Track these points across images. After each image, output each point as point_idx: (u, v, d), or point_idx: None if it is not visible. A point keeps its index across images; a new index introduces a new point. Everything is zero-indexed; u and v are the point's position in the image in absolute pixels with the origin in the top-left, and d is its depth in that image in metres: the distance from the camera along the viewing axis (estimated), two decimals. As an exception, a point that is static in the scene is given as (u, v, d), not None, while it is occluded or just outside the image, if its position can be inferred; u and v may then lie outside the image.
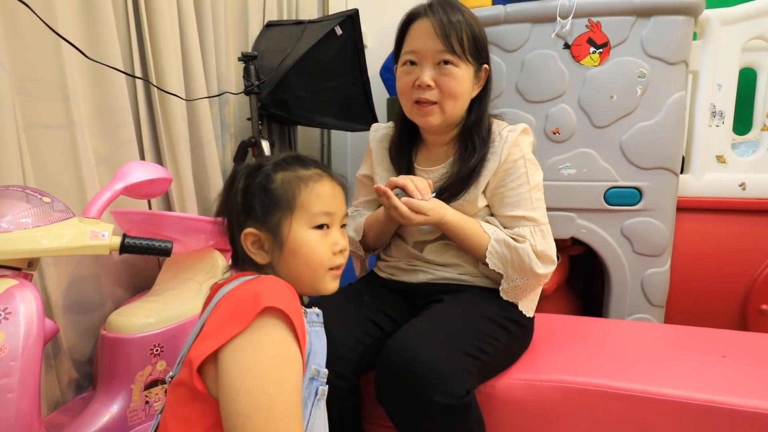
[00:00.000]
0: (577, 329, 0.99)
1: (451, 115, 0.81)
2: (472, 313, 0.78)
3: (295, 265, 0.56)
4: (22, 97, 0.90)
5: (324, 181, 0.57)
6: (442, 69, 0.78)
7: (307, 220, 0.56)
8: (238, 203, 0.56)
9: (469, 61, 0.79)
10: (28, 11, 0.84)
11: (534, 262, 0.79)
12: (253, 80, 1.39)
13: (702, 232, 1.26)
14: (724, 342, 0.92)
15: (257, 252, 0.56)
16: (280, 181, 0.55)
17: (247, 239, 0.55)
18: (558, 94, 1.22)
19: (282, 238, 0.55)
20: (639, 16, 1.14)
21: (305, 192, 0.55)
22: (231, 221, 0.57)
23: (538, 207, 0.83)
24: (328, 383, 0.73)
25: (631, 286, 1.24)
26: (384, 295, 0.88)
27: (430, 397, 0.65)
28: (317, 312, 0.58)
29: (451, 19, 0.77)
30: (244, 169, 0.58)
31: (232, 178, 0.58)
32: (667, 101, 1.16)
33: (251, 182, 0.56)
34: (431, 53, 0.78)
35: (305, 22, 1.61)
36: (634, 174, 1.20)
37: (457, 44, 0.77)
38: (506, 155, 0.82)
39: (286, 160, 0.58)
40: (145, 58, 1.17)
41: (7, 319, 0.63)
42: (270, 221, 0.54)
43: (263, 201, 0.54)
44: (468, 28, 0.78)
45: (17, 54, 0.88)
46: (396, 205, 0.75)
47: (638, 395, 0.74)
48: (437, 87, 0.79)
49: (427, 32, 0.78)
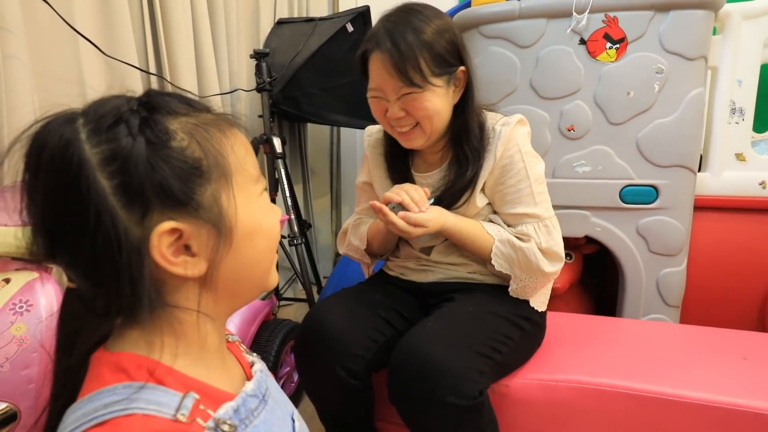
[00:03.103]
0: (591, 328, 0.98)
1: (433, 132, 0.77)
2: (484, 311, 0.77)
3: (252, 255, 0.37)
4: (40, 92, 0.91)
5: (234, 128, 0.38)
6: (407, 98, 0.74)
7: (251, 185, 0.38)
8: (101, 194, 0.30)
9: (434, 83, 0.73)
10: (48, 9, 0.85)
11: (541, 260, 0.77)
12: (265, 77, 1.40)
13: (720, 232, 1.24)
14: (744, 343, 0.90)
15: (182, 262, 0.33)
16: (186, 134, 0.33)
17: (161, 244, 0.32)
18: (573, 91, 1.20)
19: (228, 221, 0.35)
20: (657, 11, 1.12)
21: (231, 144, 0.36)
22: (83, 236, 0.30)
23: (540, 201, 0.80)
24: (341, 382, 0.73)
25: (647, 285, 1.22)
26: (396, 293, 0.88)
27: (443, 398, 0.64)
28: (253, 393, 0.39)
29: (401, 49, 0.70)
30: (66, 127, 0.31)
31: (59, 151, 0.30)
32: (686, 98, 1.14)
33: (121, 145, 0.31)
34: (392, 91, 0.74)
35: (316, 20, 1.61)
36: (651, 172, 1.18)
37: (416, 74, 0.71)
38: (501, 152, 0.78)
39: (162, 100, 0.34)
40: (159, 55, 1.18)
41: (29, 311, 0.64)
42: (198, 200, 0.33)
43: (176, 169, 0.32)
44: (424, 48, 0.71)
45: (36, 51, 0.90)
46: (393, 221, 0.73)
47: (656, 397, 0.72)
48: (408, 114, 0.75)
49: (382, 69, 0.72)
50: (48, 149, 0.30)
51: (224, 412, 0.35)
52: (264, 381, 0.42)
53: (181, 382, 0.34)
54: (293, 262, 1.61)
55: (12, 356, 0.63)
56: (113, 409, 0.30)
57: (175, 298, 0.35)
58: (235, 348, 0.44)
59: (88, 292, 0.33)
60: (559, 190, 1.24)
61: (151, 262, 0.32)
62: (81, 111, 0.33)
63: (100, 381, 0.32)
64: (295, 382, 1.17)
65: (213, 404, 0.34)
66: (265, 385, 0.42)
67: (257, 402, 0.39)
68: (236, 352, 0.44)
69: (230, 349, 0.44)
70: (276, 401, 0.42)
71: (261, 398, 0.39)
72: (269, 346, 1.07)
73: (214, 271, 0.35)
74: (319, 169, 2.09)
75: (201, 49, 1.28)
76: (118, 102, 0.33)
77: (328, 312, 0.78)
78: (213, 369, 0.38)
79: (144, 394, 0.31)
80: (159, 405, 0.31)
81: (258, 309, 1.09)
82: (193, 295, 0.35)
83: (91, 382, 0.33)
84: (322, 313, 0.78)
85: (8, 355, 0.63)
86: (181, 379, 0.34)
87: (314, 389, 0.81)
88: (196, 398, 0.33)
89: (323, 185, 2.10)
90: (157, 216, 0.32)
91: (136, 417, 0.30)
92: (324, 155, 2.10)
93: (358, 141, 2.19)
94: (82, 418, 0.30)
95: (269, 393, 0.41)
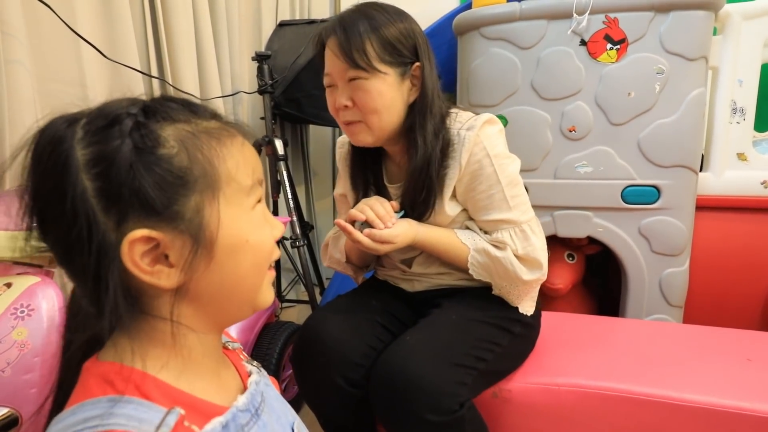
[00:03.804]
0: (594, 329, 0.98)
1: (380, 129, 0.74)
2: (467, 319, 0.75)
3: (235, 272, 0.36)
4: (42, 96, 0.91)
5: (237, 137, 0.37)
6: (353, 85, 0.72)
7: (241, 199, 0.36)
8: (83, 194, 0.30)
9: (381, 70, 0.71)
10: (50, 13, 0.85)
11: (518, 268, 0.73)
12: (267, 79, 1.40)
13: (722, 231, 1.23)
14: (748, 344, 0.89)
15: (155, 271, 0.32)
16: (177, 142, 0.33)
17: (134, 251, 0.31)
18: (574, 92, 1.20)
19: (207, 235, 0.33)
20: (657, 12, 1.12)
21: (227, 156, 0.35)
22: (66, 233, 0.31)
23: (516, 205, 0.75)
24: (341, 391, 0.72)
25: (649, 285, 1.21)
26: (389, 297, 0.87)
27: (421, 415, 0.63)
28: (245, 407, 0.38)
29: (349, 35, 0.70)
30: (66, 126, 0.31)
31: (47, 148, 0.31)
32: (687, 98, 1.14)
33: (108, 147, 0.31)
34: (339, 74, 0.72)
35: (318, 22, 1.62)
36: (652, 172, 1.17)
37: (360, 57, 0.70)
38: (467, 158, 0.73)
39: (164, 105, 0.34)
40: (161, 58, 1.18)
41: (30, 316, 0.64)
42: (177, 210, 0.32)
43: (158, 178, 0.31)
44: (374, 35, 0.70)
45: (39, 54, 0.90)
46: (359, 240, 0.71)
47: (660, 401, 0.72)
48: (355, 106, 0.73)
49: (331, 55, 0.72)
50: (40, 146, 0.31)
51: (211, 428, 0.33)
52: (258, 394, 0.40)
53: (168, 395, 0.33)
54: (295, 264, 1.61)
55: (13, 361, 0.63)
56: (92, 425, 0.30)
57: (153, 308, 0.34)
58: (234, 356, 0.43)
59: (79, 293, 0.33)
60: (561, 190, 1.24)
61: (123, 269, 0.31)
62: (87, 112, 0.33)
63: (86, 392, 0.32)
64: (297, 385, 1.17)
65: (201, 419, 0.33)
66: (260, 397, 0.40)
67: (249, 417, 0.37)
68: (236, 360, 0.43)
69: (230, 357, 0.43)
70: (273, 413, 0.41)
71: (254, 412, 0.38)
72: (271, 349, 1.07)
73: (191, 284, 0.34)
74: (321, 171, 2.09)
75: (203, 52, 1.28)
76: (120, 104, 0.33)
77: (326, 321, 0.77)
78: (205, 380, 0.37)
79: (126, 408, 0.30)
80: (140, 422, 0.30)
81: (260, 312, 1.09)
82: (183, 309, 0.35)
83: (78, 392, 0.33)
84: (320, 322, 0.77)
85: (9, 360, 0.63)
86: (168, 392, 0.33)
87: (314, 399, 0.80)
88: (181, 413, 0.32)
89: (325, 186, 2.10)
90: (132, 222, 0.31)
91: None
92: (326, 156, 2.10)
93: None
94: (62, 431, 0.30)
95: (265, 406, 0.40)
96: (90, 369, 0.33)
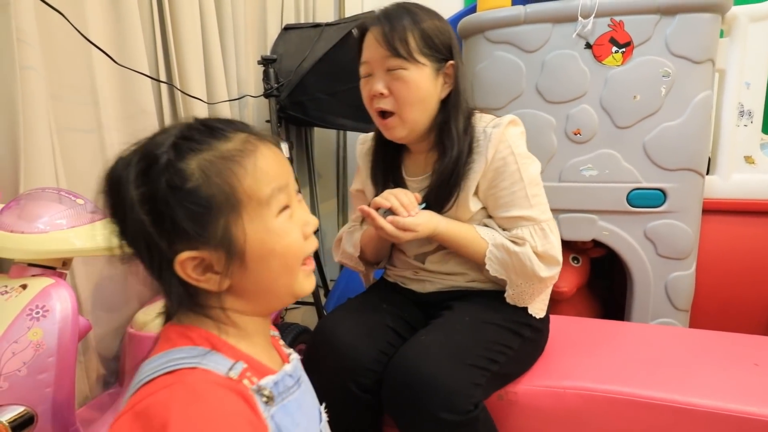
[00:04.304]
0: (599, 333, 0.98)
1: (414, 122, 0.77)
2: (480, 321, 0.76)
3: (267, 275, 0.42)
4: (55, 101, 0.93)
5: (260, 149, 0.41)
6: (392, 75, 0.75)
7: (263, 210, 0.41)
8: (143, 224, 0.37)
9: (420, 62, 0.75)
10: (62, 20, 0.87)
11: (536, 264, 0.75)
12: (272, 83, 1.41)
13: (729, 235, 1.23)
14: (755, 348, 0.89)
15: (206, 278, 0.40)
16: (200, 172, 0.38)
17: (185, 268, 0.39)
18: (579, 95, 1.20)
19: (238, 248, 0.39)
20: (663, 15, 1.12)
21: (243, 175, 0.39)
22: (140, 249, 0.39)
23: (536, 204, 0.77)
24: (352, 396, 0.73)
25: (655, 289, 1.21)
26: (399, 300, 0.88)
27: (436, 414, 0.64)
28: (290, 373, 0.45)
29: (394, 25, 0.74)
30: (123, 169, 0.38)
31: (115, 187, 0.38)
32: (693, 101, 1.13)
33: (151, 187, 0.37)
34: (379, 62, 0.76)
35: (323, 25, 1.63)
36: (658, 175, 1.17)
37: (402, 47, 0.73)
38: (492, 154, 0.76)
39: (190, 136, 0.39)
40: (169, 63, 1.20)
41: (45, 317, 0.66)
42: (211, 234, 0.38)
43: (188, 211, 0.37)
44: (415, 28, 0.75)
45: (51, 60, 0.91)
46: (382, 226, 0.73)
47: (666, 404, 0.72)
48: (391, 95, 0.76)
49: (372, 42, 0.76)
50: (110, 188, 0.39)
51: (266, 382, 0.41)
52: (299, 368, 0.49)
53: (234, 352, 0.41)
54: (301, 266, 1.62)
55: (29, 361, 0.64)
56: (181, 363, 0.38)
57: (211, 301, 0.42)
58: (275, 342, 0.51)
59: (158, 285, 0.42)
60: (566, 194, 1.24)
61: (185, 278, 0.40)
62: (142, 144, 0.40)
63: (170, 343, 0.40)
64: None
65: (258, 374, 0.41)
66: (300, 372, 0.48)
67: (293, 382, 0.45)
68: (276, 345, 0.50)
69: (271, 341, 0.50)
70: (308, 390, 0.49)
71: (296, 381, 0.46)
72: (278, 349, 1.08)
73: (235, 284, 0.42)
74: (326, 173, 2.10)
75: (210, 57, 1.30)
76: (160, 140, 0.39)
77: (338, 326, 0.78)
78: (260, 350, 0.45)
79: (204, 354, 0.39)
80: (216, 364, 0.39)
81: (267, 313, 1.10)
82: (234, 301, 0.43)
83: (162, 343, 0.41)
84: (332, 326, 0.78)
85: (25, 360, 0.64)
86: (233, 351, 0.41)
87: (324, 401, 0.81)
88: (245, 366, 0.40)
89: (330, 189, 2.12)
90: (180, 245, 0.39)
91: (198, 369, 0.38)
92: (330, 159, 2.11)
93: (365, 145, 2.20)
94: (156, 368, 0.38)
95: (303, 380, 0.48)
96: (170, 328, 0.42)
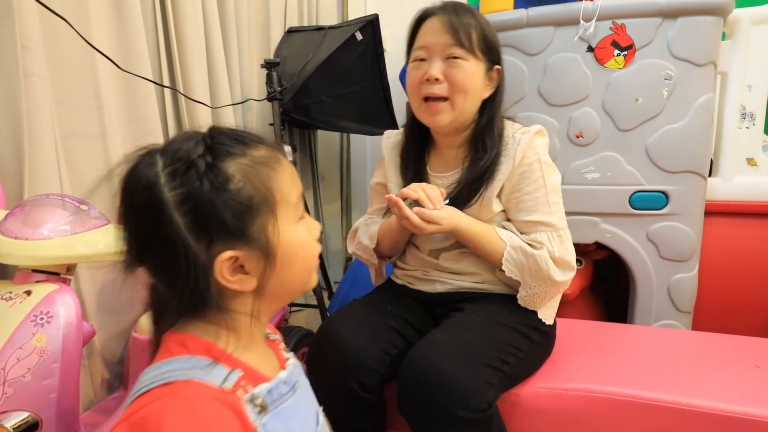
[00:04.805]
0: (602, 335, 0.98)
1: (461, 112, 0.80)
2: (492, 322, 0.77)
3: (291, 274, 0.45)
4: (59, 107, 0.93)
5: (282, 160, 0.45)
6: (450, 62, 0.78)
7: (291, 214, 0.44)
8: (178, 227, 0.38)
9: (478, 57, 0.79)
10: (66, 26, 0.87)
11: (552, 269, 0.77)
12: (276, 86, 1.41)
13: (731, 237, 1.23)
14: (756, 350, 0.89)
15: (237, 279, 0.41)
16: (242, 174, 0.40)
17: (222, 268, 0.40)
18: (581, 98, 1.20)
19: (272, 248, 0.42)
20: (665, 18, 1.12)
21: (277, 180, 0.43)
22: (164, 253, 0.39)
23: (555, 211, 0.81)
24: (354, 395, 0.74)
25: (657, 291, 1.21)
26: (405, 303, 0.88)
27: (452, 411, 0.64)
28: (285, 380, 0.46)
29: (460, 18, 0.78)
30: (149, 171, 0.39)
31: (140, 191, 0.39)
32: (695, 103, 1.13)
33: (192, 189, 0.38)
34: (440, 47, 0.78)
35: (326, 28, 1.63)
36: (661, 178, 1.17)
37: (466, 39, 0.77)
38: (520, 158, 0.80)
39: (221, 141, 0.41)
40: (173, 68, 1.21)
41: (49, 323, 0.66)
42: (250, 233, 0.40)
43: (232, 209, 0.39)
44: (478, 27, 0.79)
45: (55, 66, 0.92)
46: (407, 216, 0.74)
47: (668, 406, 0.72)
48: (446, 81, 0.78)
49: (436, 28, 0.79)
50: (136, 192, 0.39)
51: (259, 391, 0.42)
52: (296, 374, 0.49)
53: (230, 361, 0.42)
54: (303, 269, 1.62)
55: (33, 367, 0.65)
56: (177, 374, 0.39)
57: (232, 304, 0.43)
58: (274, 345, 0.51)
59: (166, 293, 0.42)
60: (569, 196, 1.22)
61: (214, 280, 0.40)
62: (160, 151, 0.40)
63: (169, 352, 0.41)
64: (306, 388, 1.18)
65: (253, 382, 0.42)
66: (296, 377, 0.48)
67: (288, 389, 0.45)
68: (275, 348, 0.51)
69: (270, 345, 0.51)
70: (305, 395, 0.49)
71: (291, 387, 0.46)
72: (281, 353, 1.09)
73: (263, 286, 0.43)
74: (330, 175, 2.10)
75: (213, 61, 1.30)
76: (189, 146, 0.40)
77: (342, 326, 0.79)
78: (257, 356, 0.46)
79: (201, 365, 0.40)
80: (211, 375, 0.39)
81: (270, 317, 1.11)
82: (247, 302, 0.43)
83: (162, 353, 0.42)
84: (336, 326, 0.79)
85: (30, 366, 0.64)
86: (230, 359, 0.42)
87: (327, 401, 0.81)
88: (241, 374, 0.41)
89: (333, 191, 2.12)
90: (218, 246, 0.40)
91: (193, 382, 0.39)
92: (334, 161, 2.12)
93: (368, 146, 2.20)
94: (154, 378, 0.39)
95: (299, 385, 0.48)
96: (171, 337, 0.43)
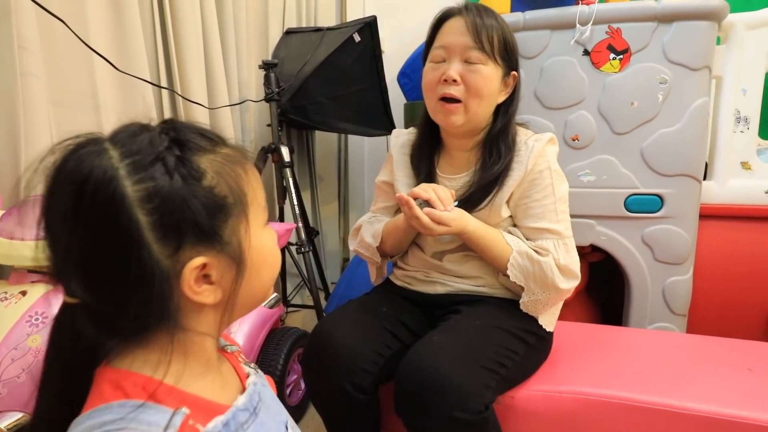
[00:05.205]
0: (597, 338, 0.99)
1: (475, 115, 0.80)
2: (490, 325, 0.77)
3: (258, 283, 0.40)
4: (56, 107, 0.93)
5: (249, 161, 0.40)
6: (469, 65, 0.79)
7: (261, 218, 0.40)
8: (138, 228, 0.32)
9: (497, 62, 0.79)
10: (63, 27, 0.88)
11: (557, 276, 0.77)
12: (274, 87, 1.42)
13: (726, 240, 1.24)
14: (750, 354, 0.90)
15: (202, 290, 0.35)
16: (214, 171, 0.35)
17: (191, 276, 0.34)
18: (577, 101, 1.21)
19: (242, 254, 0.37)
20: (661, 22, 1.13)
21: (249, 180, 0.38)
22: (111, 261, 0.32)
23: (562, 219, 0.81)
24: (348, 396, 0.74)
25: (652, 294, 1.22)
26: (401, 305, 0.88)
27: (449, 413, 0.65)
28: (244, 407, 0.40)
29: (483, 20, 0.79)
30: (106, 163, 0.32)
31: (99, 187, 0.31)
32: (690, 107, 1.14)
33: (160, 184, 0.32)
34: (460, 49, 0.78)
35: (324, 29, 1.63)
36: (656, 181, 1.18)
37: (487, 42, 0.78)
38: (532, 165, 0.80)
39: (188, 137, 0.35)
40: (170, 69, 1.21)
41: (44, 323, 0.66)
42: (222, 236, 0.35)
43: (207, 209, 0.34)
44: (500, 31, 0.80)
45: (52, 67, 0.92)
46: (418, 216, 0.74)
47: (661, 409, 0.73)
48: (463, 83, 0.79)
49: (458, 29, 0.79)
50: (91, 183, 0.31)
51: (213, 426, 0.36)
52: (256, 394, 0.43)
53: (177, 398, 0.35)
54: (301, 269, 1.63)
55: (28, 367, 0.65)
56: (107, 429, 0.32)
57: (190, 322, 0.36)
58: (233, 359, 0.45)
59: (108, 313, 0.34)
60: (564, 199, 1.25)
61: (179, 292, 0.34)
62: (107, 139, 0.34)
63: (100, 397, 0.34)
64: (302, 390, 1.18)
65: (206, 418, 0.36)
66: (258, 397, 0.42)
67: (248, 415, 0.40)
68: (234, 362, 0.45)
69: (229, 359, 0.45)
70: (269, 412, 0.43)
71: (252, 411, 0.40)
72: (277, 354, 1.09)
73: (230, 298, 0.37)
74: (327, 176, 2.11)
75: (211, 62, 1.31)
76: (149, 137, 0.34)
77: (336, 326, 0.79)
78: (212, 383, 0.39)
79: (135, 412, 0.33)
80: (149, 425, 0.33)
81: (266, 317, 1.11)
82: (208, 318, 0.37)
83: (93, 397, 0.35)
84: (330, 327, 0.79)
85: (25, 366, 0.65)
86: (178, 395, 0.35)
87: (321, 402, 0.81)
88: (186, 413, 0.34)
89: (331, 191, 2.12)
90: (187, 251, 0.34)
91: None
92: (332, 162, 2.12)
93: (366, 148, 2.21)
94: None
95: (262, 405, 0.42)
96: (103, 375, 0.35)
